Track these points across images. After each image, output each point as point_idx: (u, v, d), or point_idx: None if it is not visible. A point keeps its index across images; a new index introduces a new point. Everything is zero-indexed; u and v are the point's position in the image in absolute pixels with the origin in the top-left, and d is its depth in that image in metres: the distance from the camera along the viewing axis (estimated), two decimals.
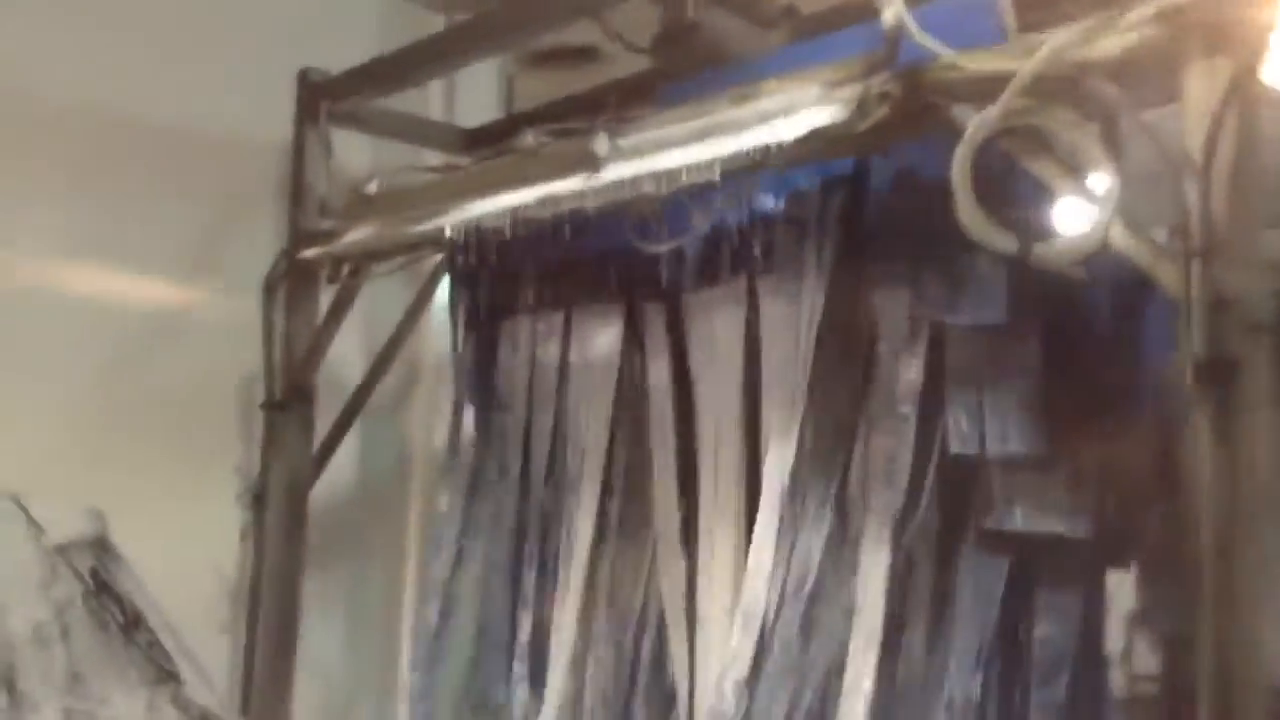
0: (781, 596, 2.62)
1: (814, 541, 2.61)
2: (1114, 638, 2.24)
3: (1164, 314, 2.02)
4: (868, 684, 2.44)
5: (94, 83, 3.53)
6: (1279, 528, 1.79)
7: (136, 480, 3.56)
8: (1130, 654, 2.25)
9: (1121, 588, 2.24)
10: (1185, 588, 1.80)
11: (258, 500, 3.72)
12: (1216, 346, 1.80)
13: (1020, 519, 2.33)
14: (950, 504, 2.45)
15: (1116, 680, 2.22)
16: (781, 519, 2.65)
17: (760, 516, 2.70)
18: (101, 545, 2.39)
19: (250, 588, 3.71)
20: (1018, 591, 2.38)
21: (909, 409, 2.47)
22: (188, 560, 3.66)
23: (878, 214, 2.62)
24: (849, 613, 2.54)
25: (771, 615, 2.62)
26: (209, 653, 3.65)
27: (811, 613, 2.60)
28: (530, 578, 3.39)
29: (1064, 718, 2.29)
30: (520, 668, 3.38)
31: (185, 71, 3.68)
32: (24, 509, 2.24)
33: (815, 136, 2.25)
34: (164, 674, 2.32)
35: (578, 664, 3.20)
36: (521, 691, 3.37)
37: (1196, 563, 1.77)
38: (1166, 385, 2.07)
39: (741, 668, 2.62)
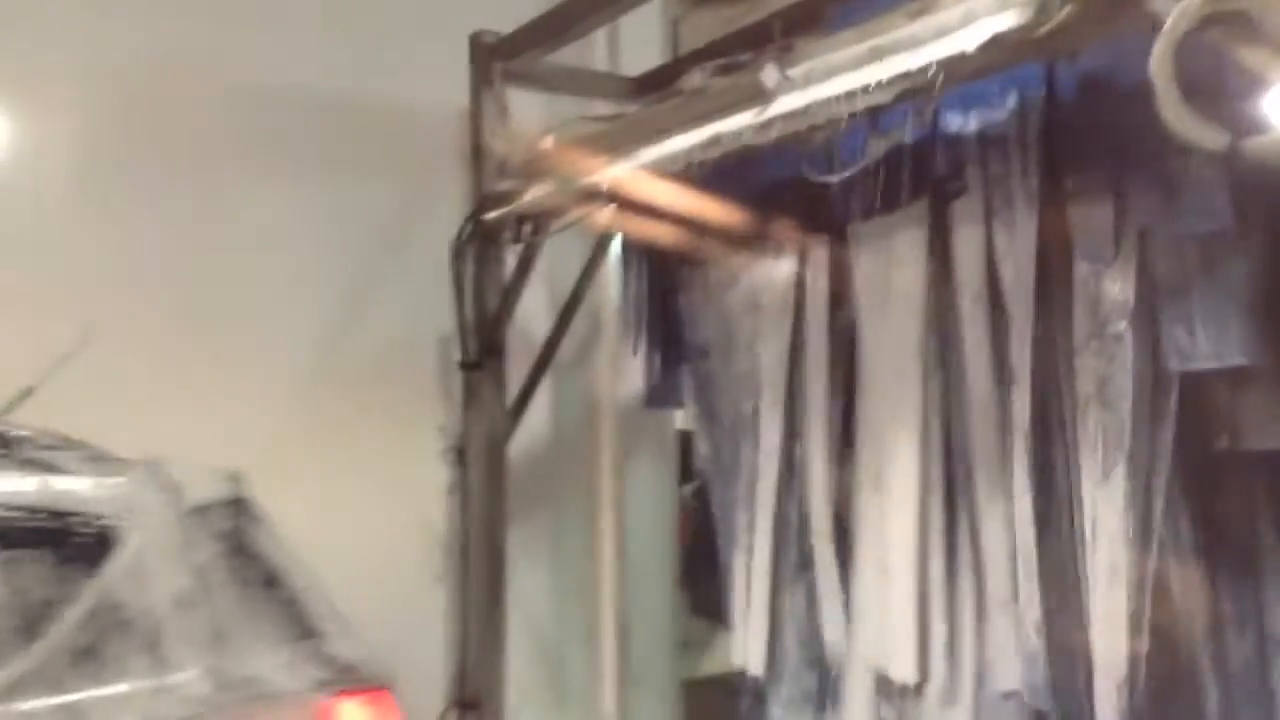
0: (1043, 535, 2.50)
1: (1031, 476, 2.50)
2: None
3: None
4: (1118, 626, 2.31)
5: (274, 64, 3.72)
6: None
7: (348, 445, 3.76)
8: None
9: None
10: None
11: (460, 456, 3.85)
12: None
13: (1255, 437, 2.18)
14: (1185, 425, 2.29)
15: None
16: (1032, 458, 2.51)
17: (1016, 456, 2.55)
18: (239, 506, 2.48)
19: (460, 540, 3.86)
20: (1260, 514, 2.24)
21: (1121, 327, 2.32)
22: (400, 517, 3.86)
23: (1071, 124, 2.47)
24: (1078, 543, 2.42)
25: (1034, 557, 2.51)
26: (427, 603, 3.86)
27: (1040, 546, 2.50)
28: (743, 520, 3.39)
29: None
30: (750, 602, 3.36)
31: (360, 46, 3.82)
32: (163, 473, 2.34)
33: (997, 43, 2.12)
34: (305, 630, 2.39)
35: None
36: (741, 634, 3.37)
37: None
38: None
39: (1035, 610, 2.50)
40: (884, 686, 2.91)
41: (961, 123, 2.67)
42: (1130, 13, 1.99)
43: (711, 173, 3.00)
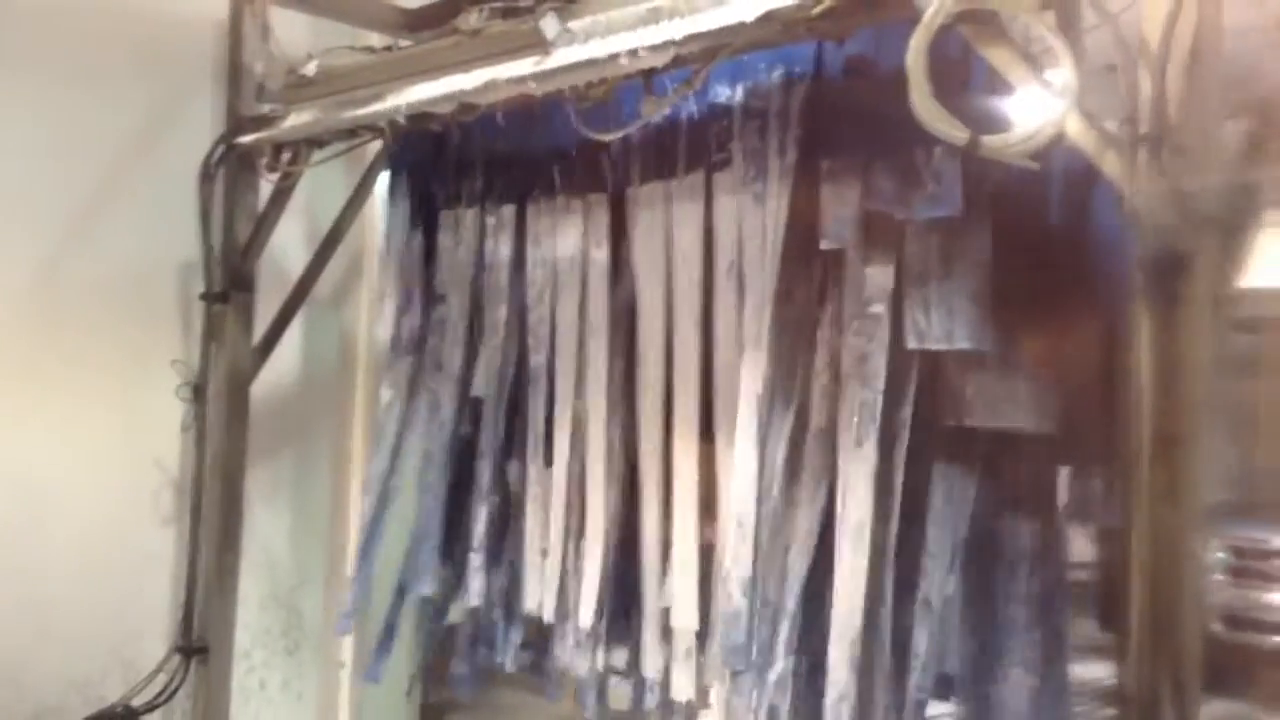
0: (761, 498, 2.61)
1: (786, 444, 2.60)
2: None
3: (1114, 207, 2.01)
4: (858, 585, 2.44)
5: None
6: (1219, 422, 1.81)
7: (74, 373, 3.49)
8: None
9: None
10: (1127, 481, 1.83)
11: (198, 393, 3.66)
12: (1164, 240, 1.79)
13: (979, 414, 2.35)
14: (921, 402, 2.44)
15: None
16: (760, 423, 2.62)
17: (740, 421, 2.65)
18: None
19: (193, 481, 3.68)
20: (985, 488, 2.41)
21: (881, 308, 2.44)
22: (130, 454, 3.63)
23: (832, 106, 2.57)
24: (827, 513, 2.54)
25: (753, 519, 2.61)
26: (156, 544, 3.66)
27: (788, 513, 2.60)
28: (486, 470, 3.38)
29: (1031, 610, 2.34)
30: (477, 558, 3.39)
31: None
32: None
33: (770, 19, 2.18)
34: None
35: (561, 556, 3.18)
36: (478, 581, 3.38)
37: (1134, 456, 1.78)
38: (1117, 279, 2.06)
39: (744, 569, 2.61)
40: (669, 633, 2.98)
41: (730, 94, 2.73)
42: (895, 2, 2.08)
43: (492, 120, 2.95)
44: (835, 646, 2.45)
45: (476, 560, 3.39)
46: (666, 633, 2.97)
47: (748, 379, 2.65)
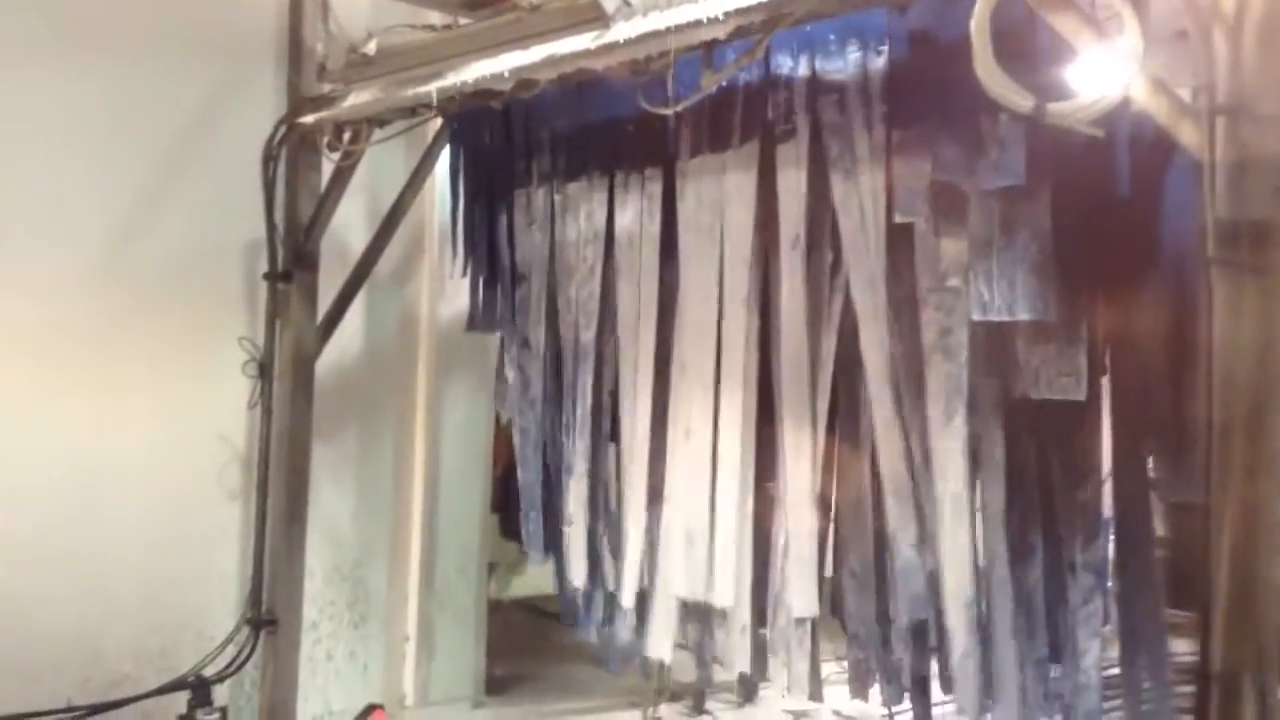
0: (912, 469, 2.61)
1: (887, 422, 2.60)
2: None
3: (1185, 176, 1.97)
4: (963, 554, 2.46)
5: None
6: None
7: (142, 351, 3.56)
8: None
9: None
10: (1200, 456, 1.79)
11: (264, 370, 3.71)
12: (1241, 208, 1.74)
13: (1043, 386, 2.32)
14: (993, 372, 2.44)
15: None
16: (894, 398, 2.59)
17: (875, 395, 2.62)
18: None
19: (259, 456, 3.73)
20: (1045, 458, 2.41)
21: (958, 280, 2.42)
22: (197, 430, 3.69)
23: (906, 78, 2.53)
24: (927, 486, 2.55)
25: (909, 486, 2.61)
26: (223, 518, 3.73)
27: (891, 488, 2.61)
28: (574, 446, 3.39)
29: (1103, 580, 2.36)
30: (570, 530, 3.40)
31: None
32: None
33: None
34: None
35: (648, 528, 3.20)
36: (579, 556, 3.39)
37: (1220, 431, 1.74)
38: (1189, 250, 2.02)
39: (910, 529, 2.60)
40: (690, 609, 3.00)
41: (793, 67, 2.71)
42: None
43: (549, 96, 2.95)
44: (952, 611, 2.47)
45: (574, 534, 3.39)
46: (707, 611, 2.97)
47: (871, 356, 2.62)
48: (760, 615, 2.89)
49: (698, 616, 3.01)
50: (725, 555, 2.88)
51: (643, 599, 3.13)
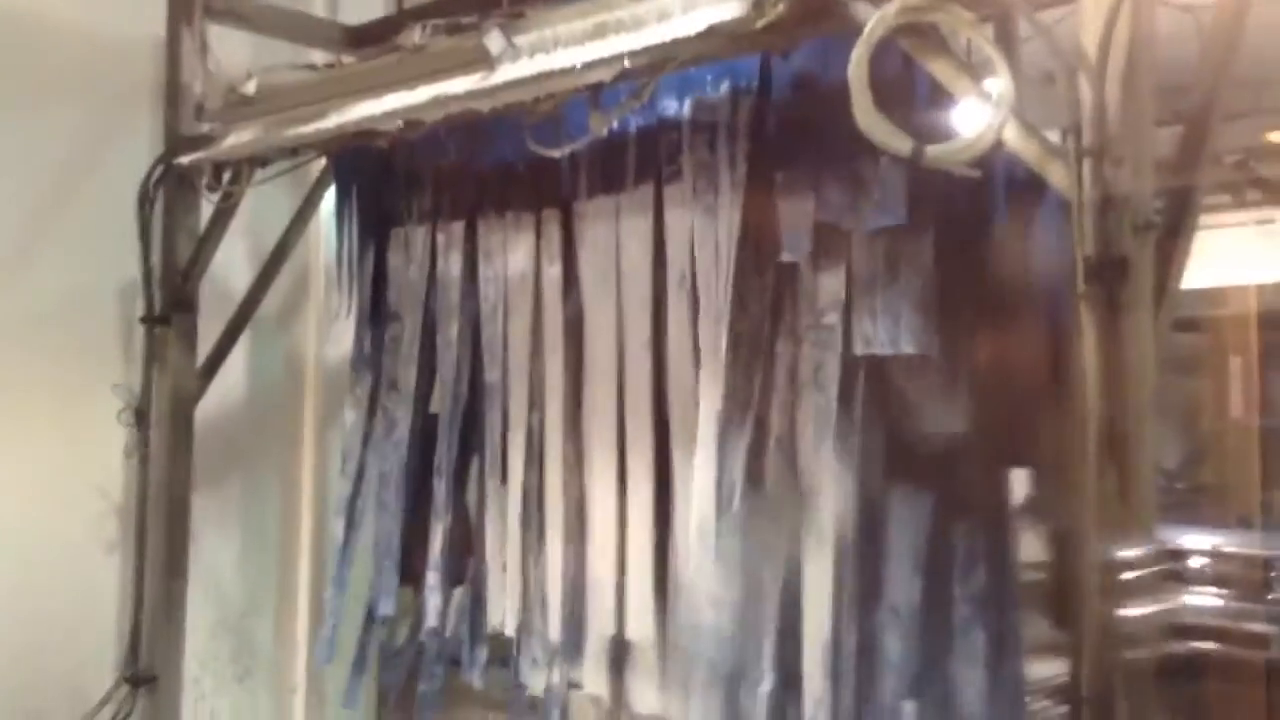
0: (721, 508, 2.62)
1: (746, 455, 2.61)
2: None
3: (1056, 214, 2.06)
4: (824, 593, 2.46)
5: None
6: (1161, 425, 1.85)
7: (13, 399, 3.42)
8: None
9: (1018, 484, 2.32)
10: (1074, 484, 1.86)
11: (140, 417, 3.59)
12: (1106, 246, 1.82)
13: (928, 420, 2.38)
14: (874, 408, 2.47)
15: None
16: (719, 434, 2.62)
17: (701, 433, 2.66)
18: None
19: (137, 507, 3.60)
20: (939, 494, 2.45)
21: (835, 317, 2.47)
22: (72, 481, 3.55)
23: (780, 118, 2.59)
24: (792, 524, 2.55)
25: (713, 530, 2.62)
26: (99, 573, 3.59)
27: (751, 524, 2.61)
28: (442, 488, 3.35)
29: (982, 610, 2.38)
30: (434, 576, 3.36)
31: None
32: None
33: (714, 33, 2.19)
34: None
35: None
36: (435, 599, 3.36)
37: (1087, 459, 1.81)
38: (1061, 284, 2.10)
39: (708, 582, 2.61)
40: (615, 647, 2.99)
41: (677, 108, 2.75)
42: (837, 15, 2.11)
43: (439, 136, 2.94)
44: (809, 654, 2.47)
45: (433, 579, 3.37)
46: (623, 646, 2.96)
47: (707, 392, 2.65)
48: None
49: (616, 652, 2.98)
50: (640, 590, 2.87)
51: (565, 637, 3.09)
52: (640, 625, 2.87)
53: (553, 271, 3.09)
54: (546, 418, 3.12)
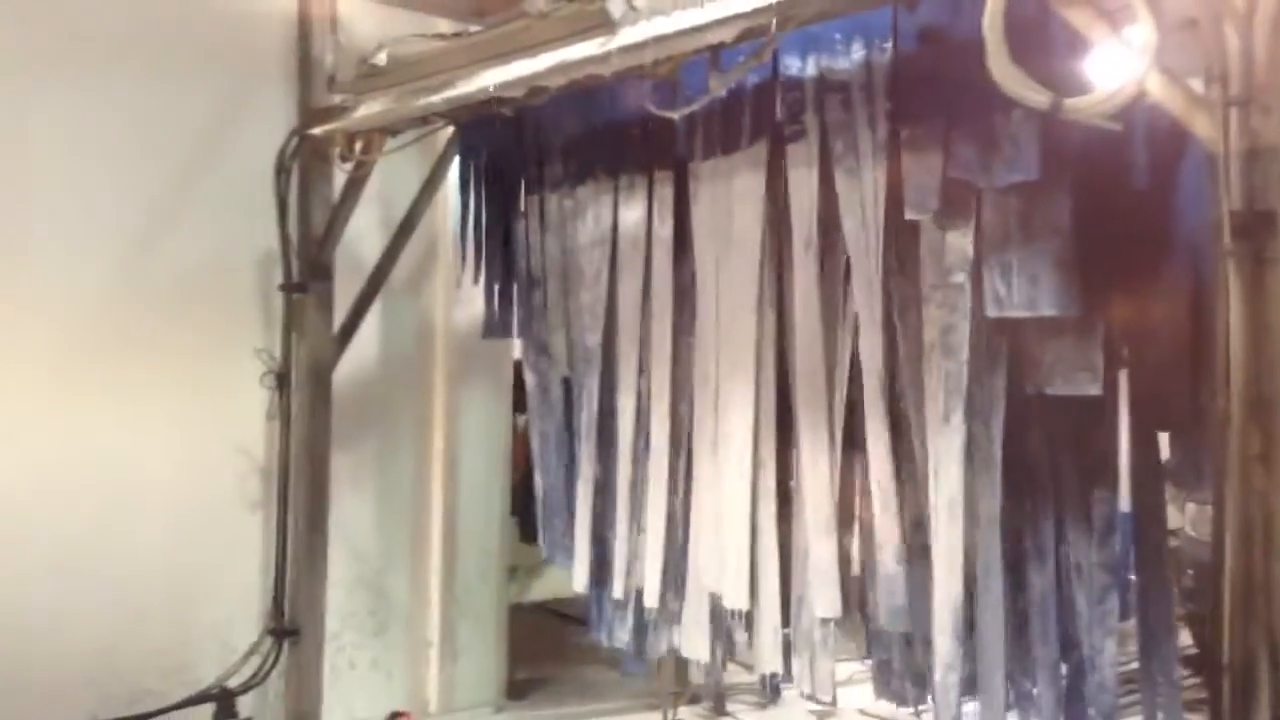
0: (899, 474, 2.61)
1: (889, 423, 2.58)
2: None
3: (1201, 167, 1.96)
4: (955, 558, 2.43)
5: None
6: None
7: (159, 365, 3.58)
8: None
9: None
10: (1216, 446, 1.78)
11: (282, 381, 3.74)
12: (1253, 199, 1.74)
13: (1059, 382, 2.31)
14: (1002, 369, 2.41)
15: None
16: (885, 399, 2.59)
17: (869, 398, 2.62)
18: None
19: (279, 467, 3.75)
20: (1064, 455, 2.39)
21: (962, 278, 2.40)
22: (216, 442, 3.71)
23: (913, 76, 2.52)
24: (923, 482, 2.53)
25: (895, 496, 2.61)
26: (243, 530, 3.75)
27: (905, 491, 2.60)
28: (585, 450, 3.39)
29: (1120, 573, 2.34)
30: (584, 533, 3.38)
31: None
32: None
33: None
34: None
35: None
36: (581, 548, 3.40)
37: (1233, 420, 1.74)
38: (1203, 240, 2.01)
39: (894, 540, 2.59)
40: (718, 611, 3.00)
41: (800, 67, 2.70)
42: None
43: (559, 102, 2.95)
44: (939, 616, 2.45)
45: (581, 541, 3.40)
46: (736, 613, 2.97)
47: (868, 356, 2.61)
48: (785, 615, 2.88)
49: (722, 617, 3.00)
50: (751, 557, 2.87)
51: (664, 601, 3.12)
52: (736, 592, 2.89)
53: (664, 233, 3.09)
54: (654, 381, 3.14)
